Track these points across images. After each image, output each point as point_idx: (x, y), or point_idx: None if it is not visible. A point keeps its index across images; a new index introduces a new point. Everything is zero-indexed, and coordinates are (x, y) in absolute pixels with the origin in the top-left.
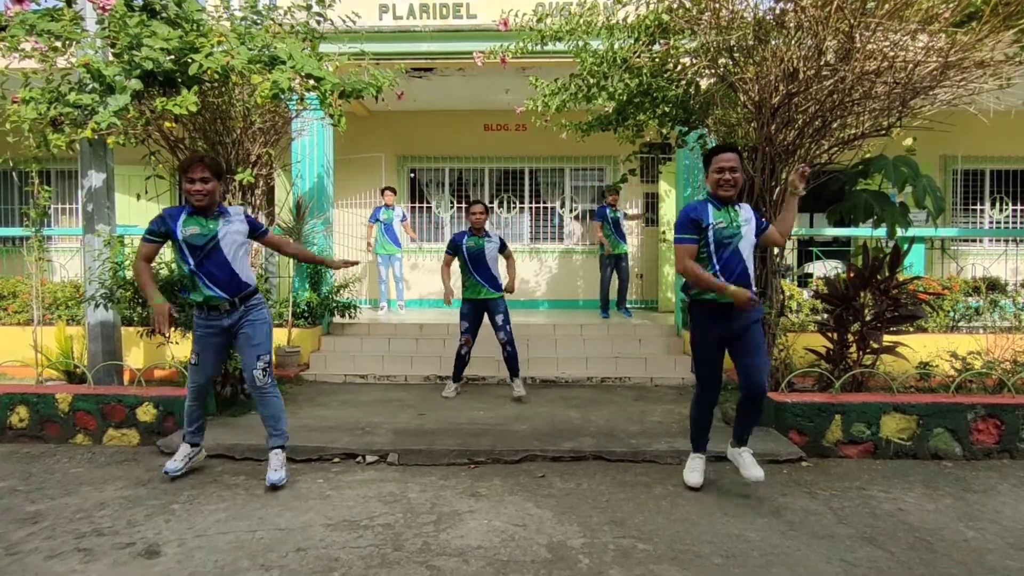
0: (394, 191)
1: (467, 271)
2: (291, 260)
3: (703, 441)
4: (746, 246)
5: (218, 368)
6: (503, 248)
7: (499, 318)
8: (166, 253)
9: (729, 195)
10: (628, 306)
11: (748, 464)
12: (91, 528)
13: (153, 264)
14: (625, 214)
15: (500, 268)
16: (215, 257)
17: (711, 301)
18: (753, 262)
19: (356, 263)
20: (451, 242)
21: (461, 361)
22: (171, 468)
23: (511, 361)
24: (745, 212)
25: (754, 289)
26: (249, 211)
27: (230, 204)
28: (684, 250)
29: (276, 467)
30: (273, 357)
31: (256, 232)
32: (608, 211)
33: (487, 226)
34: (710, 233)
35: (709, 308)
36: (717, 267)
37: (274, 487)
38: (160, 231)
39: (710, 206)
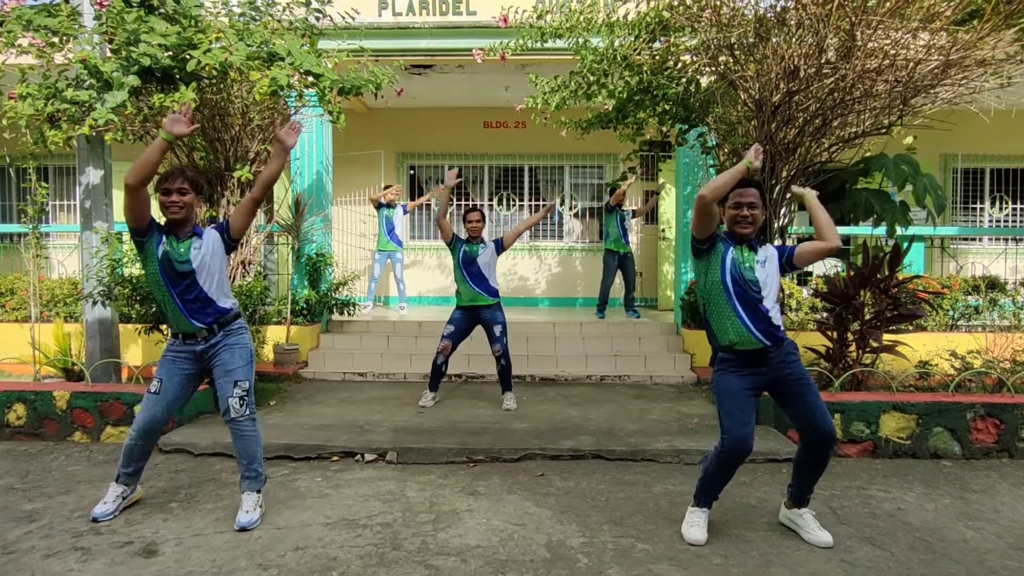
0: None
1: (460, 277)
2: (290, 258)
3: (712, 498)
4: (765, 288)
5: (181, 402)
6: (499, 246)
7: (496, 329)
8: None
9: (746, 232)
10: (635, 306)
11: (813, 528)
12: (88, 527)
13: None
14: (633, 212)
15: (496, 275)
16: (190, 284)
17: (739, 347)
18: (775, 304)
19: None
20: (456, 236)
21: (437, 371)
22: (99, 513)
23: (504, 375)
24: (762, 253)
25: (783, 331)
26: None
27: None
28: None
29: (248, 508)
30: (253, 388)
31: (223, 228)
32: (616, 211)
33: (484, 233)
34: (727, 263)
35: (736, 353)
36: (738, 304)
37: (243, 529)
38: (151, 225)
39: (728, 238)
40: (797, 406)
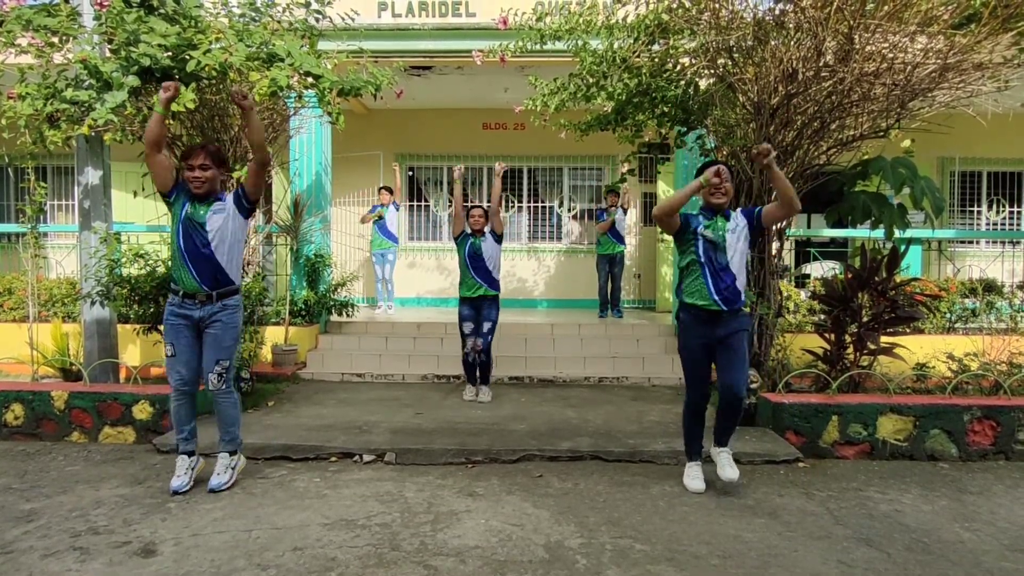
0: (391, 191)
1: (465, 269)
2: (289, 259)
3: (696, 448)
4: (737, 253)
5: (197, 358)
6: (494, 234)
7: (486, 325)
8: (163, 251)
9: (720, 203)
10: (621, 307)
11: (723, 464)
12: (87, 527)
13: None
14: (624, 208)
15: (499, 269)
16: (202, 245)
17: (698, 306)
18: (745, 273)
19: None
20: (462, 232)
21: (471, 367)
22: (176, 486)
23: (483, 368)
24: (734, 220)
25: (743, 301)
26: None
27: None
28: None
29: (219, 471)
30: (234, 364)
31: (239, 194)
32: (604, 215)
33: (486, 228)
34: (699, 243)
35: (695, 312)
36: (708, 275)
37: (212, 491)
38: (176, 183)
39: (701, 217)
40: (723, 371)
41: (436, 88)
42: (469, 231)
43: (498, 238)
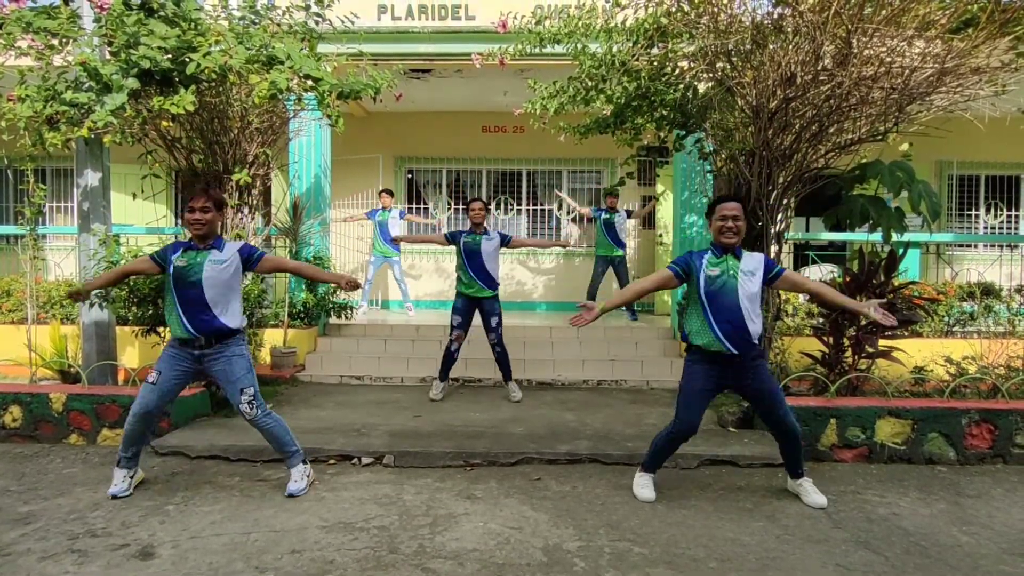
0: (391, 193)
1: (463, 267)
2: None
3: (657, 466)
4: (745, 296)
5: (175, 394)
6: (506, 240)
7: (493, 320)
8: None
9: (732, 242)
10: (635, 308)
11: (809, 492)
12: (85, 529)
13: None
14: (628, 211)
15: (498, 268)
16: (194, 293)
17: (705, 349)
18: (760, 314)
19: (359, 285)
20: (452, 232)
21: (450, 359)
22: (116, 491)
23: (502, 362)
24: (749, 262)
25: (758, 348)
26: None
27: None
28: (659, 273)
29: (296, 478)
30: (258, 389)
31: (250, 260)
32: (603, 214)
33: (488, 225)
34: (701, 280)
35: (700, 353)
36: (710, 314)
37: (291, 496)
38: (161, 255)
39: (707, 254)
40: (764, 414)
41: (435, 91)
42: (468, 228)
43: (507, 243)
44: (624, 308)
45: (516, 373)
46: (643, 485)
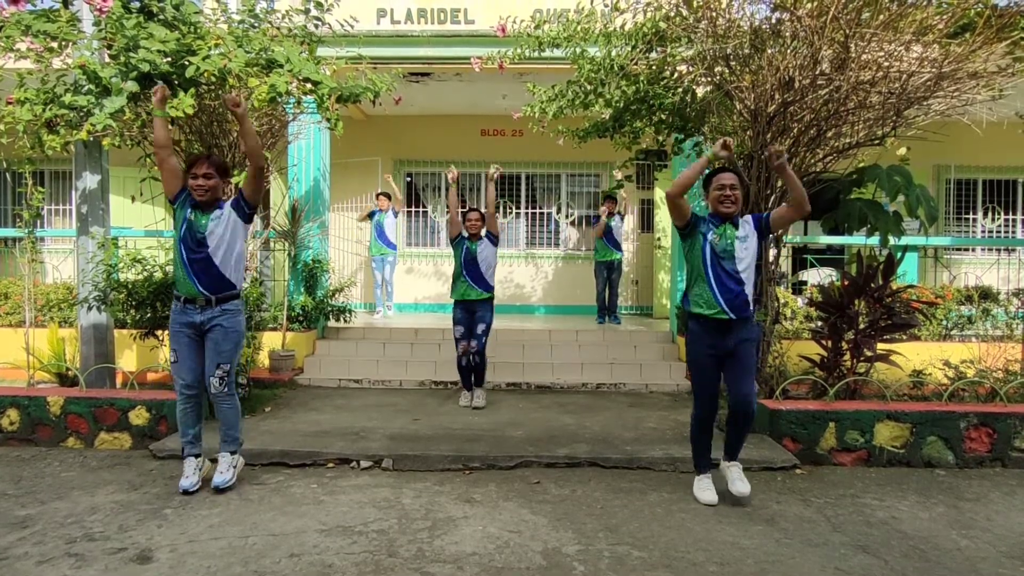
0: (389, 196)
1: (459, 270)
2: (287, 265)
3: (706, 461)
4: (743, 262)
5: (200, 364)
6: (491, 236)
7: (479, 327)
8: (160, 256)
9: (730, 211)
10: (619, 314)
11: (734, 479)
12: (82, 533)
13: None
14: (620, 214)
15: (495, 271)
16: (202, 252)
17: (705, 315)
18: (753, 282)
19: (238, 104)
20: (455, 238)
21: (465, 372)
22: (186, 485)
23: (478, 371)
24: (743, 228)
25: (752, 310)
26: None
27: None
28: (685, 200)
29: (222, 469)
30: (235, 368)
31: (238, 200)
32: (602, 218)
33: (483, 232)
34: (706, 249)
35: (703, 322)
36: (713, 282)
37: (217, 489)
38: (182, 189)
39: (710, 221)
40: (731, 381)
41: (434, 94)
42: (466, 235)
43: (494, 240)
44: (606, 312)
45: (515, 376)
46: (703, 488)
